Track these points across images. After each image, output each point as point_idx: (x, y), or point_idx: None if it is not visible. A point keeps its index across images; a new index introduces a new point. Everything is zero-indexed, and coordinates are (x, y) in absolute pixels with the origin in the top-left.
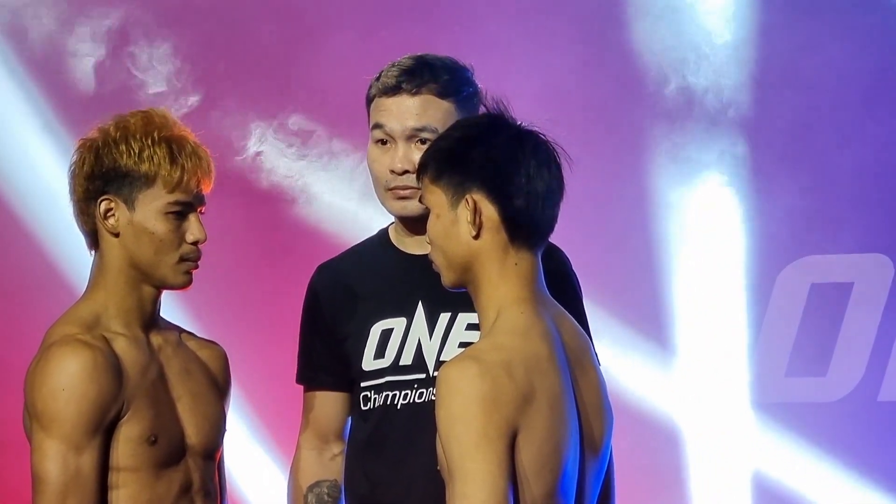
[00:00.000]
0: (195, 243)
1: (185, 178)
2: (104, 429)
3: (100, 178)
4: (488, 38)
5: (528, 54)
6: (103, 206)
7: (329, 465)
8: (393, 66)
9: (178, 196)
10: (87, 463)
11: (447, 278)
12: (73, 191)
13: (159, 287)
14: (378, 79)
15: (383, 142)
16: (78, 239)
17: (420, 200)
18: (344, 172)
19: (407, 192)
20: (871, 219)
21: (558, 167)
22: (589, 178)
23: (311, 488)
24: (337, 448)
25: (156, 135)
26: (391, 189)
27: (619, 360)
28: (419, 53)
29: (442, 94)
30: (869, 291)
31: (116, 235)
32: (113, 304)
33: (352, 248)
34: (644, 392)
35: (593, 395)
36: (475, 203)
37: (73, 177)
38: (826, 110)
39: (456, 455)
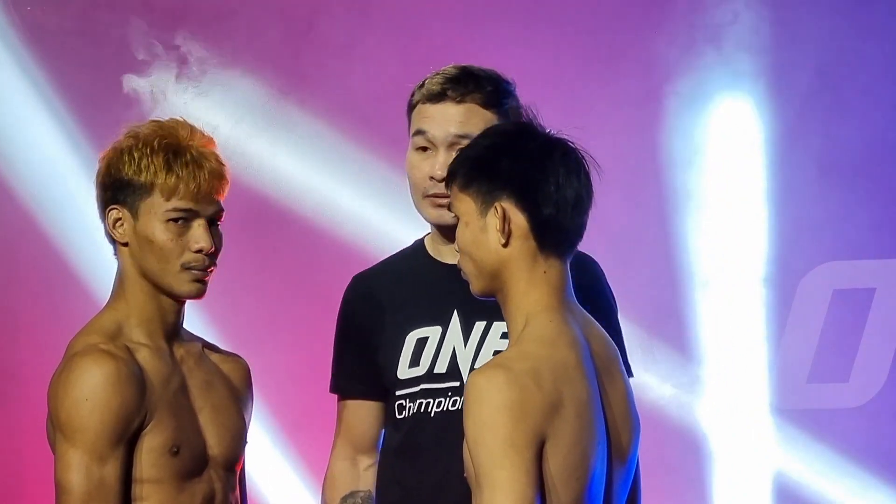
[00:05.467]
0: (200, 251)
1: (181, 185)
2: (127, 439)
3: (109, 189)
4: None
5: (550, 60)
6: (112, 215)
7: (363, 475)
8: (437, 73)
9: (175, 203)
10: (111, 473)
11: (476, 286)
12: (96, 201)
13: (171, 296)
14: (422, 86)
15: (424, 149)
16: (101, 249)
17: (449, 208)
18: (371, 184)
19: (445, 199)
20: (893, 224)
21: (587, 175)
22: (608, 183)
23: (344, 499)
24: (371, 459)
25: (156, 143)
26: (429, 196)
27: (640, 366)
28: (463, 64)
29: (486, 105)
30: (891, 297)
31: (126, 245)
32: (134, 315)
33: (387, 258)
34: (666, 398)
35: (621, 404)
36: (504, 211)
37: (95, 187)
38: (851, 115)
39: (483, 463)
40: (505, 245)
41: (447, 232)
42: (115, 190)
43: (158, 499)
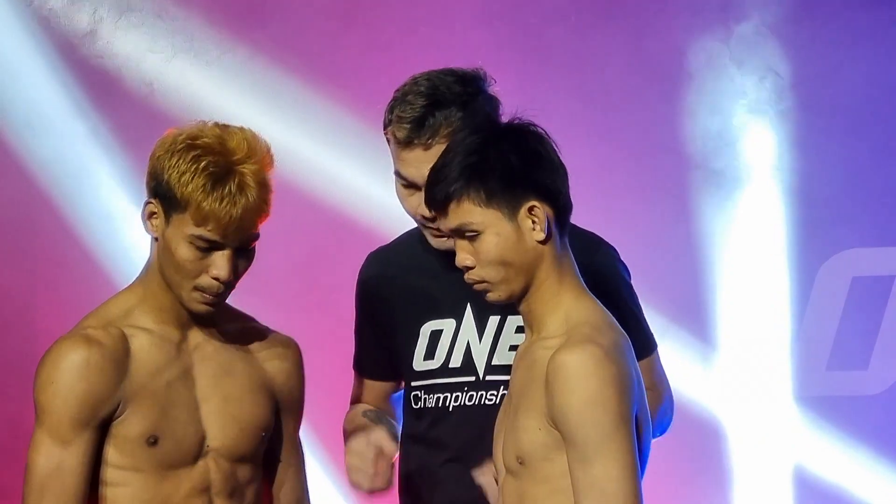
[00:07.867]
0: (216, 279)
1: (211, 217)
2: (95, 426)
3: (153, 180)
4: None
5: (559, 48)
6: (149, 208)
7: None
8: (402, 107)
9: (202, 232)
10: (71, 458)
11: (506, 291)
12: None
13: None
14: (390, 120)
15: (407, 185)
16: (121, 237)
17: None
18: (381, 163)
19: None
20: None
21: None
22: (628, 173)
23: (371, 410)
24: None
25: (204, 162)
26: (426, 227)
27: (659, 353)
28: (428, 81)
29: (456, 134)
30: None
31: (156, 239)
32: (149, 300)
33: (405, 235)
34: (685, 385)
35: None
36: (538, 209)
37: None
38: (870, 103)
39: (593, 436)
40: (544, 241)
41: None
42: (155, 184)
43: (138, 486)
